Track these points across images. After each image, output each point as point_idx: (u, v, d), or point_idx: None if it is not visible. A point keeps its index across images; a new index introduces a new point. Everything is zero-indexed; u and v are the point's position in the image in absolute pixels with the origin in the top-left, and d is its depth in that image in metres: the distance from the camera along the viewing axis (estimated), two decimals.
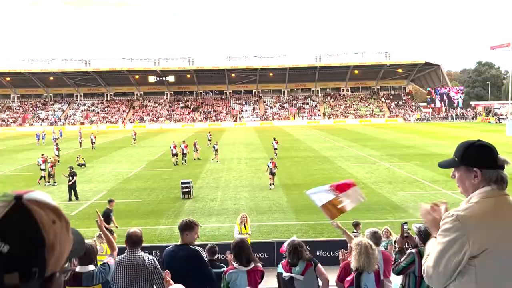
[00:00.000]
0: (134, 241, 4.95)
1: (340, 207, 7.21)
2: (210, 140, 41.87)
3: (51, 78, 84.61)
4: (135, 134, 47.87)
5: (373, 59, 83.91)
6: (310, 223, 15.60)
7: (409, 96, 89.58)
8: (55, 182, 24.07)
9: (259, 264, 5.08)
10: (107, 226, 13.32)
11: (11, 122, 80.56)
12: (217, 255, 7.27)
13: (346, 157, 32.23)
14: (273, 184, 21.86)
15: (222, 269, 5.65)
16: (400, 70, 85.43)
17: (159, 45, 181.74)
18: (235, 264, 5.04)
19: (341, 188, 7.17)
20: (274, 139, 35.99)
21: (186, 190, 20.07)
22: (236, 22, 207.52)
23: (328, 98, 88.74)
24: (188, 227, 4.98)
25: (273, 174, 21.79)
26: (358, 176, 24.50)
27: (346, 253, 5.64)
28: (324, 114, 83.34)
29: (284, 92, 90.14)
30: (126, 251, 4.94)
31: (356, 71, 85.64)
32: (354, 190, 7.22)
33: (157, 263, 4.99)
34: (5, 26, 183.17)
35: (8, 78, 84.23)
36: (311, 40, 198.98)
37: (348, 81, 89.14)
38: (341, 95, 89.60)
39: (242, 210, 17.19)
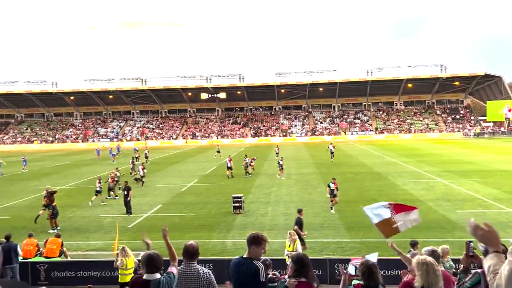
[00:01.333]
0: (190, 253, 5.06)
1: (394, 227, 7.09)
2: (277, 153, 42.91)
3: (110, 96, 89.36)
4: (219, 146, 51.24)
5: (428, 72, 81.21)
6: (363, 240, 15.20)
7: (467, 110, 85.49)
8: (116, 196, 25.11)
9: (314, 284, 4.89)
10: (301, 233, 13.29)
11: (74, 139, 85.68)
12: (270, 269, 7.27)
13: (400, 173, 31.20)
14: (333, 208, 19.88)
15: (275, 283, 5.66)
16: (457, 83, 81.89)
17: (210, 63, 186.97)
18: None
19: (399, 208, 7.09)
20: (331, 143, 36.41)
21: (238, 204, 20.30)
22: (285, 38, 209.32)
23: (381, 112, 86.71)
24: (255, 241, 4.92)
25: (334, 195, 19.97)
26: (413, 193, 23.64)
27: (406, 271, 5.43)
28: (376, 129, 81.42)
29: (334, 107, 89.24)
30: (183, 263, 5.06)
31: (409, 85, 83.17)
32: (414, 213, 7.11)
33: (212, 276, 5.04)
34: (68, 48, 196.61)
35: (72, 97, 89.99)
36: (362, 55, 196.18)
37: (401, 95, 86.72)
38: (394, 110, 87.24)
39: (293, 226, 17.08)
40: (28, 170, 40.43)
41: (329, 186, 20.27)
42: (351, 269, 5.99)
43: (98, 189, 23.67)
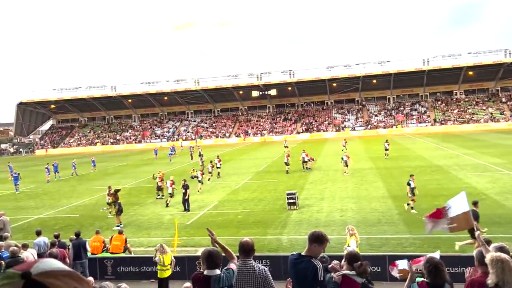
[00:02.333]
0: (246, 250, 5.11)
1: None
2: (345, 146, 42.57)
3: (165, 98, 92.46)
4: (286, 142, 54.10)
5: (490, 58, 76.26)
6: (424, 236, 14.62)
7: None
8: (163, 196, 25.96)
9: (358, 280, 4.84)
10: (479, 229, 12.63)
11: (131, 140, 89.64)
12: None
13: (462, 166, 29.65)
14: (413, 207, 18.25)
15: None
16: None
17: (260, 60, 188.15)
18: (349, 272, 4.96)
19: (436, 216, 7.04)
20: (386, 141, 35.80)
21: (292, 201, 20.28)
22: (335, 31, 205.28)
23: (439, 103, 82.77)
24: (318, 240, 4.89)
25: (414, 194, 18.45)
26: (477, 187, 22.39)
27: (473, 269, 5.17)
28: (434, 120, 77.85)
29: (389, 98, 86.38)
30: (239, 260, 5.13)
31: (470, 73, 78.60)
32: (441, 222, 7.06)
33: (268, 273, 5.05)
34: (124, 53, 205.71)
35: (129, 100, 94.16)
36: (417, 44, 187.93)
37: (461, 84, 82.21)
38: (454, 99, 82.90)
39: (350, 222, 16.78)
40: (97, 171, 42.88)
41: (409, 184, 18.67)
42: (402, 265, 5.82)
43: (199, 179, 26.53)
